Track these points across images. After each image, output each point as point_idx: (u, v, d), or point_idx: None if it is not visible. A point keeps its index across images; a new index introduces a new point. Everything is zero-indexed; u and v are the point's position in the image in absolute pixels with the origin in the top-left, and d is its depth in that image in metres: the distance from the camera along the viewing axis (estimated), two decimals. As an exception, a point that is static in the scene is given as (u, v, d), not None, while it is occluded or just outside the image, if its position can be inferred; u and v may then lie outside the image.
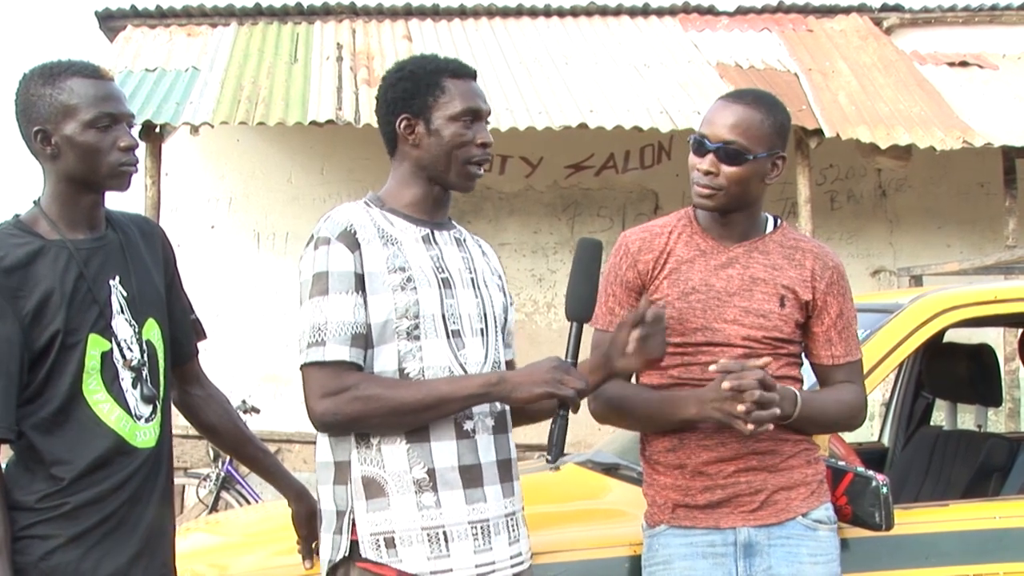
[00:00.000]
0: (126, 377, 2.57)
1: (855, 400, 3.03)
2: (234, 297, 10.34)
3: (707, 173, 2.90)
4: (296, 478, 3.08)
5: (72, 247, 2.53)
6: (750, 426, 2.74)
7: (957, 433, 4.79)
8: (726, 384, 2.73)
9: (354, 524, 2.58)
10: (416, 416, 2.55)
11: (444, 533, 2.57)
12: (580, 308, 2.72)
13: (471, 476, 2.61)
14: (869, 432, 6.29)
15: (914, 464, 4.73)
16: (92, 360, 2.52)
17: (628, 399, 2.99)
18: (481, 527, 2.62)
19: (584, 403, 2.77)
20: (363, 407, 2.52)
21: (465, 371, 2.63)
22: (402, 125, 2.68)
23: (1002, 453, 4.44)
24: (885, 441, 5.18)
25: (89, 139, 2.51)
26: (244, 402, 7.91)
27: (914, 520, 3.39)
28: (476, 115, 2.69)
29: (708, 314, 2.93)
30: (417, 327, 2.58)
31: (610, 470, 3.88)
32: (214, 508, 7.56)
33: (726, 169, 2.89)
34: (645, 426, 3.04)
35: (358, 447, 2.59)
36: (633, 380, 3.09)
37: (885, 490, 3.11)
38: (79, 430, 2.51)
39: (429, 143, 2.66)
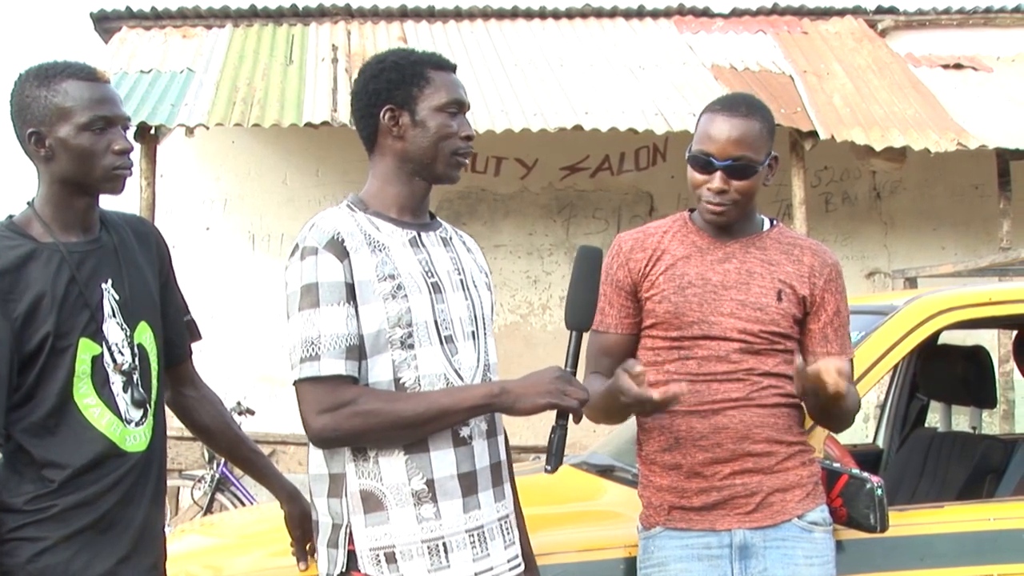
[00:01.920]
0: (116, 381, 2.55)
1: (857, 400, 3.04)
2: (229, 299, 10.32)
3: (720, 192, 2.93)
4: (288, 480, 3.06)
5: (65, 250, 2.51)
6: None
7: (952, 435, 4.79)
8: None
9: (351, 536, 2.53)
10: (417, 430, 2.50)
11: (444, 544, 2.54)
12: (580, 317, 2.65)
13: (468, 484, 2.58)
14: (864, 434, 6.29)
15: (909, 466, 4.73)
16: (83, 364, 2.50)
17: (592, 395, 2.87)
18: (478, 534, 2.59)
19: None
20: (363, 422, 2.46)
21: (460, 376, 2.58)
22: (386, 116, 2.61)
23: (997, 455, 4.45)
24: (880, 443, 5.18)
25: (83, 142, 2.49)
26: (239, 404, 7.88)
27: (909, 522, 3.39)
28: (460, 107, 2.65)
29: (704, 307, 2.94)
30: (410, 336, 2.52)
31: (605, 472, 3.88)
32: (209, 510, 7.52)
33: (737, 184, 2.92)
34: (612, 419, 3.03)
35: (354, 459, 2.54)
36: None
37: (880, 492, 3.11)
38: (69, 434, 2.49)
39: (414, 134, 2.60)
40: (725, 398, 2.92)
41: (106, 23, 10.68)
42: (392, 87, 2.61)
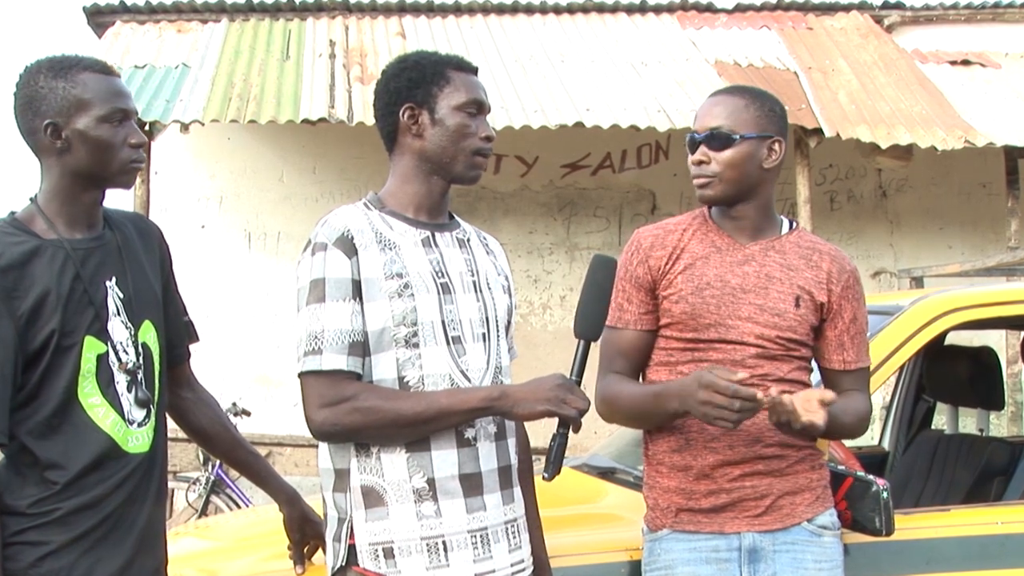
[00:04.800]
0: (121, 380, 2.54)
1: (866, 412, 3.03)
2: (225, 298, 10.27)
3: (699, 163, 2.95)
4: (287, 482, 3.07)
5: (69, 247, 2.50)
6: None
7: (959, 437, 4.78)
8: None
9: (352, 531, 2.57)
10: (415, 429, 2.53)
11: (443, 542, 2.56)
12: (589, 326, 2.66)
13: (471, 485, 2.59)
14: (870, 436, 6.22)
15: (915, 468, 4.71)
16: (87, 363, 2.48)
17: (622, 396, 2.98)
18: (480, 535, 2.60)
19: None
20: (362, 419, 2.50)
21: (467, 378, 2.60)
22: (406, 115, 2.65)
23: (1004, 457, 4.43)
24: (886, 445, 5.16)
25: (103, 134, 2.50)
26: (235, 404, 7.89)
27: (915, 525, 3.37)
28: (480, 107, 2.69)
29: (722, 310, 2.92)
30: (415, 334, 2.55)
31: (606, 474, 3.88)
32: (203, 512, 7.50)
33: (716, 155, 2.93)
34: (638, 423, 3.04)
35: (357, 455, 2.58)
36: (640, 379, 3.08)
37: (885, 495, 3.09)
38: (73, 434, 2.47)
39: (433, 133, 2.64)
40: None
41: (99, 17, 10.61)
42: (412, 86, 2.66)
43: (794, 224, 3.08)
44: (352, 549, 2.56)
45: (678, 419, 2.90)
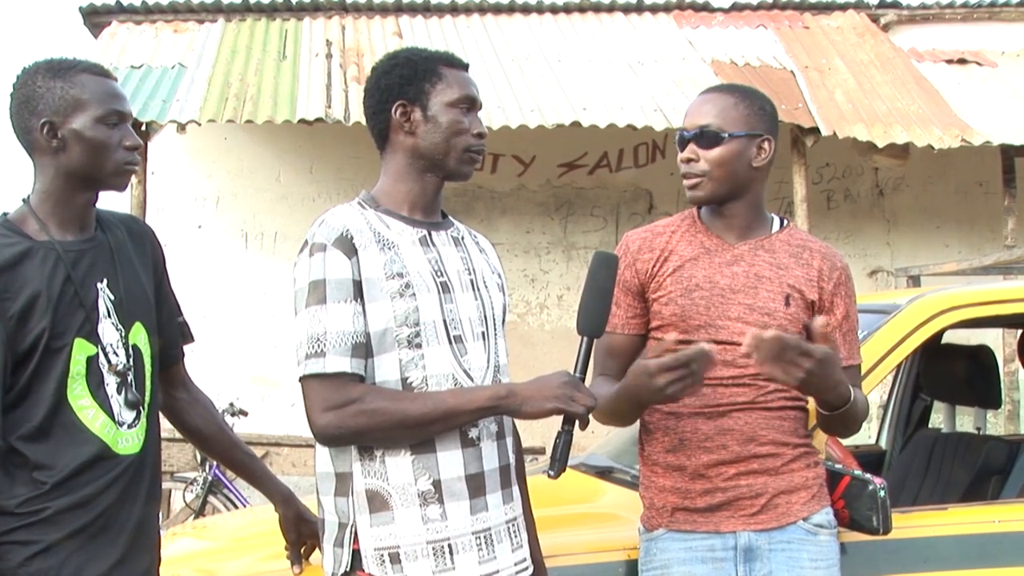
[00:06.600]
0: (111, 382, 2.54)
1: (866, 407, 3.02)
2: (222, 298, 10.26)
3: (688, 160, 2.94)
4: (282, 482, 3.06)
5: (60, 248, 2.50)
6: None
7: (956, 436, 4.76)
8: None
9: (356, 536, 2.54)
10: (422, 430, 2.50)
11: (449, 545, 2.54)
12: (592, 323, 2.65)
13: (476, 485, 2.58)
14: (867, 435, 6.23)
15: (912, 467, 4.70)
16: (77, 365, 2.48)
17: (600, 396, 2.91)
18: (484, 536, 2.58)
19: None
20: (368, 421, 2.46)
21: (469, 377, 2.58)
22: (398, 112, 2.62)
23: (1001, 456, 4.41)
24: (883, 444, 5.16)
25: (99, 135, 2.52)
26: (232, 405, 7.85)
27: (912, 524, 3.36)
28: (472, 103, 2.66)
29: (712, 311, 2.92)
30: (418, 335, 2.53)
31: (603, 473, 3.87)
32: (201, 512, 7.48)
33: (705, 153, 2.92)
34: (614, 421, 3.02)
35: (360, 459, 2.54)
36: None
37: (883, 493, 3.09)
38: (63, 436, 2.48)
39: (426, 130, 2.61)
40: (731, 401, 2.90)
41: (96, 17, 10.59)
42: (404, 83, 2.64)
43: (785, 222, 3.07)
44: (356, 554, 2.53)
45: (645, 413, 2.93)
